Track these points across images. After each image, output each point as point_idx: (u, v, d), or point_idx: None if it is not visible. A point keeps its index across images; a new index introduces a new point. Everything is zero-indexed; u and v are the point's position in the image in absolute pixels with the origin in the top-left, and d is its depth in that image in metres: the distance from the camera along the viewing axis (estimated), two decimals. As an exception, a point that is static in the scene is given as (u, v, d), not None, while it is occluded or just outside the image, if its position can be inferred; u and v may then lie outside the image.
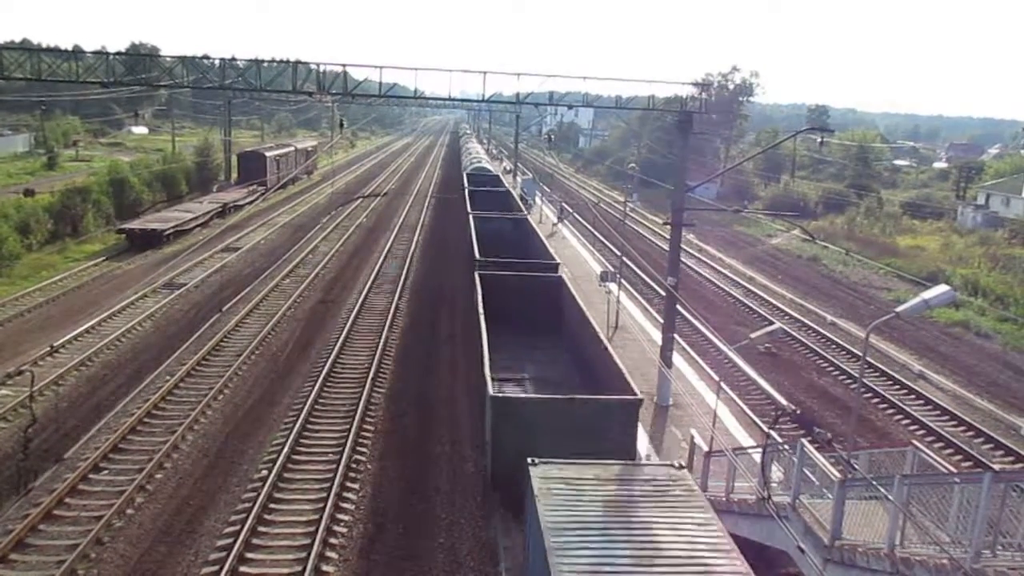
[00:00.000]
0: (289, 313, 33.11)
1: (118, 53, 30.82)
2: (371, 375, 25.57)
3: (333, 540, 16.55)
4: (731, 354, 27.56)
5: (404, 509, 18.11)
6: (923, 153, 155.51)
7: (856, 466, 14.83)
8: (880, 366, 30.48)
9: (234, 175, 70.29)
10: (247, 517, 16.75)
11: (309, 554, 15.62)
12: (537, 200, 65.98)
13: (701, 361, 29.52)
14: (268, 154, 69.87)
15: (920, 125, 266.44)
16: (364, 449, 20.88)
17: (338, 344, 28.45)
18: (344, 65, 28.67)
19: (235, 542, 15.83)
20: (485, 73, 26.69)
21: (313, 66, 27.44)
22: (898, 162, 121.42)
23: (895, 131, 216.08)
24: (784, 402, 26.01)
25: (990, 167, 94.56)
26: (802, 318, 38.28)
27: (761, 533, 14.81)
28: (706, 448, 19.46)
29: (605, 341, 20.37)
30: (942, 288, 16.40)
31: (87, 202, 47.61)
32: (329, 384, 24.92)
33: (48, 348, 26.14)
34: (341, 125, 66.86)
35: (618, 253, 37.93)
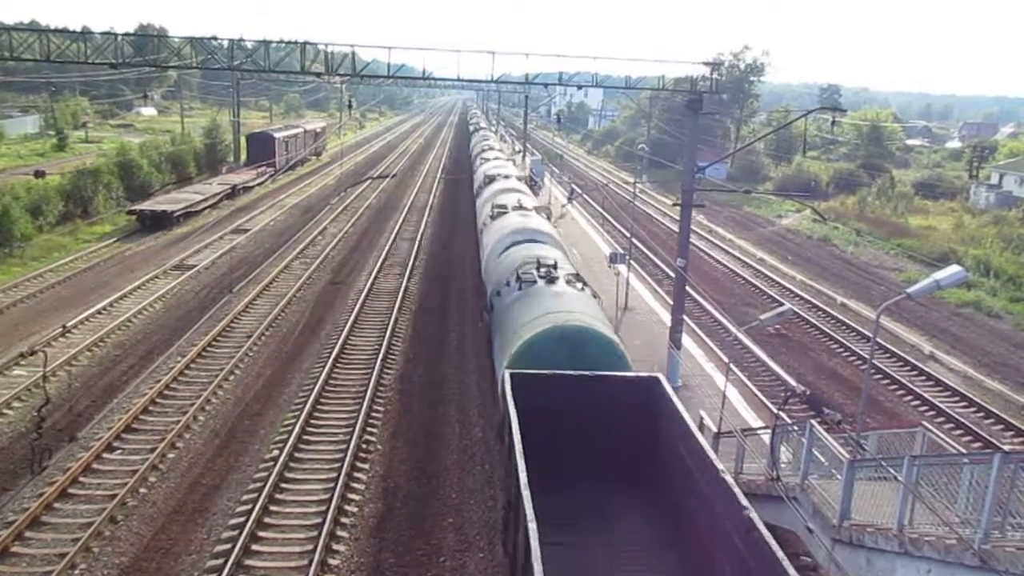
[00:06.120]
0: (299, 294, 33.20)
1: (127, 34, 30.74)
2: (381, 356, 25.66)
3: (344, 519, 16.70)
4: (740, 335, 27.53)
5: (414, 489, 18.23)
6: (936, 132, 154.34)
7: (865, 447, 14.83)
8: (890, 347, 30.38)
9: (243, 156, 70.25)
10: (259, 496, 16.91)
11: (320, 533, 15.78)
12: (546, 181, 65.83)
13: (710, 342, 29.49)
14: (277, 135, 69.79)
15: (933, 104, 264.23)
16: (374, 430, 21.00)
17: (348, 325, 28.54)
18: (352, 46, 28.48)
19: (247, 521, 15.99)
20: (494, 53, 26.51)
21: (321, 47, 27.40)
22: (911, 141, 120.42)
23: (907, 110, 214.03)
24: (793, 383, 25.99)
25: (1004, 146, 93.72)
26: (812, 299, 38.15)
27: (770, 514, 14.83)
28: (715, 429, 19.51)
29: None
30: (954, 269, 16.29)
31: (98, 183, 47.73)
32: (339, 365, 25.02)
33: (60, 329, 26.32)
34: (350, 106, 66.86)
35: (627, 234, 37.81)
